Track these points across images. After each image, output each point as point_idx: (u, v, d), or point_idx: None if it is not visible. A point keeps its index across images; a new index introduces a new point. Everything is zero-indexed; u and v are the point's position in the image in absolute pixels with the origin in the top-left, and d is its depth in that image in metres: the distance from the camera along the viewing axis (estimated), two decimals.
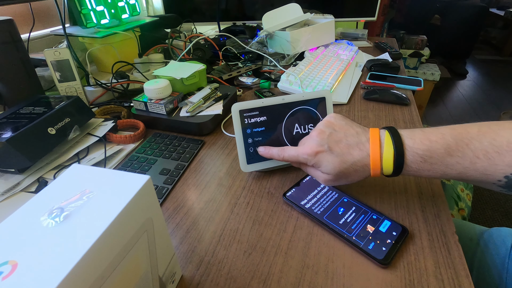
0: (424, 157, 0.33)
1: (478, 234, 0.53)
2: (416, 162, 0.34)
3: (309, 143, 0.38)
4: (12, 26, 0.56)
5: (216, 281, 0.33)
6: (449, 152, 0.33)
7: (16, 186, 0.46)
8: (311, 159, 0.37)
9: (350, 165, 0.36)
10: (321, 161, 0.37)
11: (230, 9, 1.11)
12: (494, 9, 3.64)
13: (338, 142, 0.37)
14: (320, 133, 0.38)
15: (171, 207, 0.43)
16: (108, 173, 0.24)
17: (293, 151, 0.40)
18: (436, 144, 0.33)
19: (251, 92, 0.78)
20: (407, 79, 0.79)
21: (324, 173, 0.38)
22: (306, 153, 0.38)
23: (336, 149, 0.36)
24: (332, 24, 0.97)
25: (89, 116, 0.59)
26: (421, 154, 0.34)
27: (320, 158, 0.37)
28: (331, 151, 0.36)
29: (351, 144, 0.36)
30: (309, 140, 0.39)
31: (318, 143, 0.37)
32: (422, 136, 0.34)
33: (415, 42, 2.36)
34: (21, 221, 0.20)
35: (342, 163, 0.36)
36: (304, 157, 0.38)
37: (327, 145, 0.37)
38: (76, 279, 0.17)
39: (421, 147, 0.34)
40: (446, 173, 0.34)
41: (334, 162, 0.36)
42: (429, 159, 0.33)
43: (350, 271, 0.33)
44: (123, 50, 0.82)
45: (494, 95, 2.65)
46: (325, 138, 0.37)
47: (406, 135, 0.35)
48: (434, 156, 0.33)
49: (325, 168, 0.37)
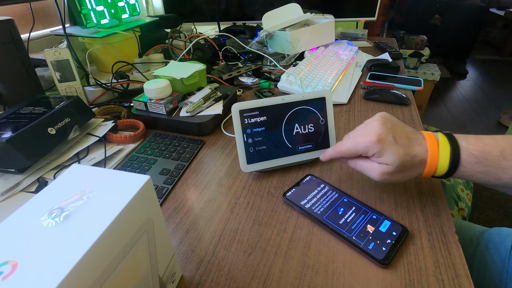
0: (479, 158, 0.33)
1: (478, 234, 0.53)
2: (471, 163, 0.34)
3: (372, 131, 0.36)
4: (12, 26, 0.56)
5: (216, 281, 0.33)
6: (504, 156, 0.33)
7: (16, 186, 0.46)
8: (374, 147, 0.35)
9: (411, 158, 0.35)
10: (385, 149, 0.35)
11: (230, 9, 1.11)
12: (494, 9, 3.63)
13: (400, 133, 0.36)
14: (383, 123, 0.37)
15: (171, 207, 0.43)
16: (108, 173, 0.24)
17: (350, 142, 0.38)
18: (490, 147, 0.33)
19: (251, 92, 0.78)
20: (407, 79, 0.79)
21: (383, 164, 0.36)
22: (370, 141, 0.36)
23: (400, 140, 0.35)
24: (332, 24, 0.97)
25: (89, 116, 0.59)
26: (476, 154, 0.34)
27: (384, 146, 0.35)
28: (395, 141, 0.35)
29: (412, 138, 0.36)
30: (370, 128, 0.37)
31: (383, 131, 0.36)
32: (475, 139, 0.35)
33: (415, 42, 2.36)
34: (21, 221, 0.20)
35: (405, 154, 0.35)
36: (366, 145, 0.36)
37: (391, 135, 0.35)
38: (76, 279, 0.17)
39: (476, 148, 0.34)
40: (500, 178, 0.33)
41: (398, 152, 0.35)
42: (484, 161, 0.33)
43: (350, 271, 0.33)
44: (123, 50, 0.82)
45: (494, 95, 2.65)
46: (388, 128, 0.36)
47: (460, 137, 0.35)
48: (489, 158, 0.33)
49: (388, 158, 0.35)
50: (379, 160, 0.36)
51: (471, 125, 2.22)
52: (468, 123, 2.24)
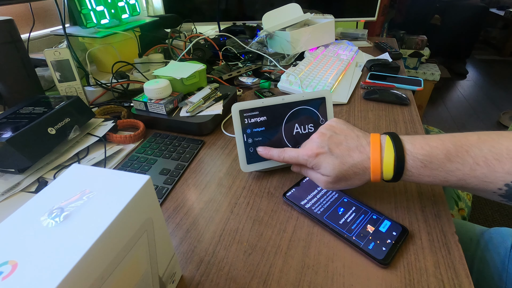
0: (424, 162, 0.33)
1: (478, 234, 0.53)
2: (416, 167, 0.34)
3: (310, 145, 0.39)
4: (12, 26, 0.56)
5: (216, 281, 0.33)
6: (449, 158, 0.33)
7: (16, 186, 0.46)
8: (311, 160, 0.38)
9: (350, 167, 0.36)
10: (321, 162, 0.37)
11: (230, 9, 1.11)
12: (494, 9, 3.63)
13: (338, 144, 0.37)
14: (320, 135, 0.38)
15: (171, 207, 0.43)
16: (108, 173, 0.24)
17: (293, 152, 0.40)
18: (436, 150, 0.33)
19: (251, 92, 0.78)
20: (407, 79, 0.79)
21: (323, 175, 0.38)
22: (306, 155, 0.38)
23: (336, 151, 0.36)
24: (332, 24, 0.97)
25: (89, 116, 0.58)
26: (421, 158, 0.34)
27: (320, 159, 0.37)
28: (331, 153, 0.36)
29: (351, 147, 0.37)
30: (309, 142, 0.39)
31: (319, 144, 0.38)
32: (422, 142, 0.34)
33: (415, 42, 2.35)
34: (21, 221, 0.20)
35: (341, 164, 0.36)
36: (304, 158, 0.38)
37: (327, 147, 0.37)
38: (76, 279, 0.17)
39: (421, 152, 0.34)
40: (446, 179, 0.34)
41: (334, 163, 0.36)
42: (429, 164, 0.33)
43: (350, 271, 0.33)
44: (123, 50, 0.82)
45: (494, 95, 2.65)
46: (326, 140, 0.37)
47: (406, 140, 0.35)
48: (434, 161, 0.33)
49: (325, 170, 0.37)
50: (319, 171, 0.38)
51: (471, 125, 2.22)
52: (468, 123, 2.24)
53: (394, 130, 0.59)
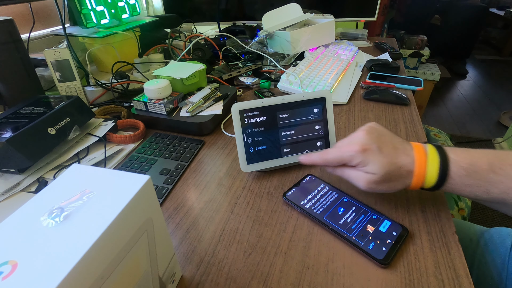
0: (468, 171, 0.33)
1: (478, 234, 0.53)
2: (459, 175, 0.33)
3: (356, 140, 0.36)
4: (12, 26, 0.56)
5: (216, 281, 0.33)
6: (493, 169, 0.32)
7: (16, 186, 0.46)
8: (358, 156, 0.35)
9: (397, 168, 0.35)
10: (369, 159, 0.35)
11: (230, 9, 1.11)
12: (494, 9, 3.63)
13: (386, 143, 0.36)
14: (368, 133, 0.37)
15: (171, 207, 0.43)
16: (108, 173, 0.24)
17: (335, 150, 0.38)
18: (479, 160, 0.33)
19: (251, 92, 0.78)
20: (407, 79, 0.79)
21: (368, 173, 0.35)
22: (354, 150, 0.36)
23: (385, 149, 0.35)
24: (332, 24, 0.97)
25: (89, 116, 0.59)
26: (465, 167, 0.33)
27: (368, 155, 0.35)
28: (380, 151, 0.35)
29: (398, 148, 0.36)
30: (354, 138, 0.37)
31: (367, 141, 0.36)
32: (464, 152, 0.34)
33: (415, 42, 2.36)
34: (21, 221, 0.20)
35: (390, 164, 0.34)
36: (350, 154, 0.36)
37: (375, 144, 0.35)
38: (76, 279, 0.17)
39: (465, 161, 0.33)
40: (488, 191, 0.33)
41: (382, 161, 0.34)
42: (473, 174, 0.33)
43: (350, 271, 0.33)
44: (123, 50, 0.82)
45: (494, 95, 2.65)
46: (374, 138, 0.36)
47: (449, 149, 0.35)
48: (478, 171, 0.33)
49: (372, 167, 0.35)
50: (364, 169, 0.36)
51: (471, 125, 2.22)
52: (468, 123, 2.24)
53: (394, 130, 0.59)
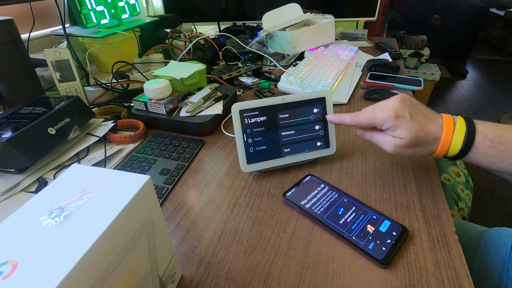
0: (494, 142, 0.35)
1: (478, 234, 0.53)
2: (484, 146, 0.35)
3: (390, 106, 0.39)
4: (12, 26, 0.56)
5: (216, 281, 0.33)
6: None
7: (16, 186, 0.46)
8: (390, 121, 0.38)
9: (425, 134, 0.37)
10: (400, 125, 0.38)
11: (230, 9, 1.11)
12: (494, 9, 3.63)
13: (417, 112, 0.38)
14: (401, 101, 0.39)
15: (171, 207, 0.43)
16: (108, 173, 0.24)
17: (369, 114, 0.41)
18: (507, 133, 0.35)
19: (251, 92, 0.78)
20: (407, 79, 0.79)
21: (396, 138, 0.38)
22: (387, 115, 0.38)
23: (416, 117, 0.38)
24: (332, 24, 0.97)
25: (89, 116, 0.59)
26: (491, 138, 0.35)
27: (400, 121, 0.38)
28: (411, 118, 0.38)
29: (428, 117, 0.38)
30: (389, 104, 0.39)
31: (401, 108, 0.38)
32: (493, 125, 0.36)
33: (415, 42, 2.36)
34: (21, 221, 0.20)
35: (419, 130, 0.37)
36: (383, 119, 0.39)
37: (408, 112, 0.38)
38: (76, 279, 0.17)
39: (492, 133, 0.35)
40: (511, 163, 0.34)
41: (412, 128, 0.37)
42: (498, 145, 0.35)
43: (350, 271, 0.33)
44: (123, 50, 0.82)
45: (494, 95, 2.64)
46: (407, 106, 0.38)
47: (478, 122, 0.37)
48: (504, 143, 0.34)
49: (401, 133, 0.38)
50: (393, 133, 0.39)
51: None
52: None
53: None
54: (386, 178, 0.46)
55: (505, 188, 1.59)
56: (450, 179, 0.91)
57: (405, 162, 0.50)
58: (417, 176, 0.46)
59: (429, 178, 0.46)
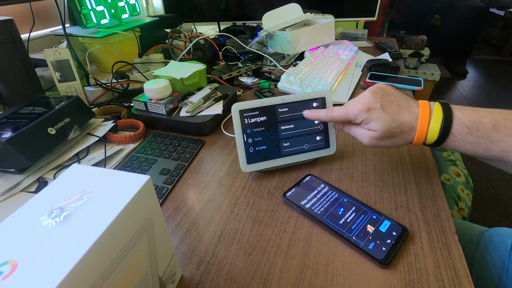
0: (471, 128, 0.34)
1: (478, 234, 0.53)
2: (462, 132, 0.35)
3: (362, 100, 0.39)
4: (12, 26, 0.56)
5: (216, 281, 0.33)
6: (496, 128, 0.33)
7: (16, 186, 0.46)
8: (362, 115, 0.38)
9: (399, 125, 0.37)
10: (372, 117, 0.38)
11: (230, 9, 1.11)
12: (494, 9, 3.63)
13: (390, 103, 0.38)
14: (372, 93, 0.39)
15: (171, 207, 0.43)
16: (108, 173, 0.24)
17: (342, 109, 0.41)
18: (484, 118, 0.34)
19: (251, 92, 0.78)
20: (407, 79, 0.79)
21: (370, 130, 0.39)
22: (358, 109, 0.39)
23: (388, 108, 0.38)
24: (332, 24, 0.97)
25: (89, 116, 0.58)
26: (468, 125, 0.35)
27: (371, 114, 0.38)
28: (383, 109, 0.38)
29: (402, 106, 0.38)
30: (360, 98, 0.40)
31: (372, 100, 0.38)
32: (471, 111, 0.36)
33: (415, 42, 2.36)
34: (21, 221, 0.20)
35: (391, 121, 0.37)
36: (355, 113, 0.39)
37: (379, 103, 0.38)
38: (76, 279, 0.17)
39: (469, 119, 0.35)
40: (489, 149, 0.34)
41: (384, 119, 0.37)
42: (475, 131, 0.34)
43: (350, 271, 0.33)
44: (123, 50, 0.82)
45: (494, 95, 2.64)
46: (378, 98, 0.39)
47: (456, 107, 0.37)
48: (481, 129, 0.34)
49: (374, 125, 0.38)
50: (367, 126, 0.39)
51: None
52: None
53: None
54: (386, 178, 0.46)
55: (505, 188, 1.59)
56: (450, 179, 0.91)
57: (405, 162, 0.50)
58: (417, 176, 0.46)
59: (429, 178, 0.46)
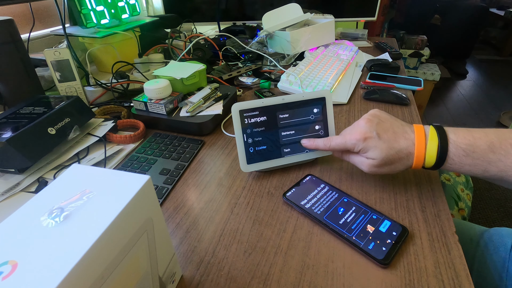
0: (467, 151, 0.35)
1: (478, 234, 0.53)
2: (458, 155, 0.35)
3: (358, 129, 0.40)
4: (12, 26, 0.56)
5: (216, 281, 0.33)
6: (492, 149, 0.34)
7: (16, 186, 0.46)
8: (359, 144, 0.39)
9: (396, 152, 0.38)
10: (370, 146, 0.38)
11: (230, 9, 1.11)
12: (494, 9, 3.63)
13: (386, 130, 0.39)
14: (368, 121, 0.40)
15: (171, 207, 0.43)
16: (108, 173, 0.24)
17: (340, 139, 0.42)
18: (479, 141, 0.34)
19: (251, 92, 0.78)
20: (407, 79, 0.79)
21: (369, 159, 0.39)
22: (355, 139, 0.39)
23: (384, 136, 0.38)
24: (332, 24, 0.97)
25: (89, 116, 0.58)
26: (464, 148, 0.35)
27: (369, 143, 0.38)
28: (379, 138, 0.38)
29: (397, 133, 0.38)
30: (355, 128, 0.41)
31: (368, 129, 0.39)
32: (466, 132, 0.36)
33: (415, 42, 2.36)
34: (21, 221, 0.20)
35: (389, 149, 0.38)
36: (352, 143, 0.40)
37: (375, 132, 0.38)
38: (76, 279, 0.17)
39: (464, 142, 0.35)
40: (487, 170, 0.35)
41: (382, 147, 0.38)
42: (472, 154, 0.34)
43: (350, 271, 0.33)
44: (123, 50, 0.82)
45: (494, 95, 2.64)
46: (374, 126, 0.39)
47: (450, 130, 0.37)
48: (477, 151, 0.34)
49: (372, 154, 0.38)
50: (365, 155, 0.40)
51: (471, 125, 2.17)
52: (468, 123, 2.24)
53: None
54: (386, 178, 0.46)
55: (505, 188, 1.59)
56: (450, 179, 0.91)
57: None
58: (417, 176, 0.46)
59: (429, 178, 0.46)
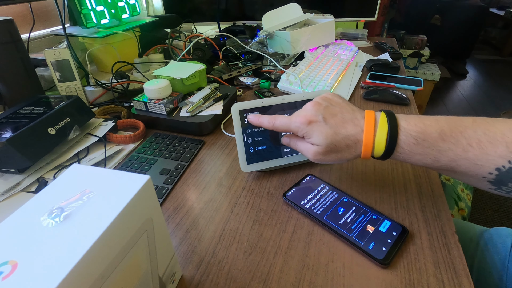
0: (417, 139, 0.33)
1: (478, 234, 0.53)
2: (408, 143, 0.34)
3: (303, 112, 0.38)
4: (12, 26, 0.56)
5: (216, 281, 0.33)
6: (442, 137, 0.32)
7: (16, 186, 0.46)
8: (303, 128, 0.37)
9: (342, 138, 0.35)
10: (314, 130, 0.36)
11: (230, 9, 1.11)
12: (494, 9, 3.63)
13: (333, 115, 0.36)
14: (315, 104, 0.38)
15: (171, 207, 0.43)
16: (108, 173, 0.24)
17: (284, 119, 0.39)
18: (430, 128, 0.33)
19: (251, 92, 0.78)
20: (407, 79, 0.79)
21: (314, 145, 0.37)
22: (299, 121, 0.37)
23: (330, 121, 0.36)
24: (332, 24, 0.97)
25: (89, 116, 0.58)
26: (415, 135, 0.33)
27: (313, 127, 0.36)
28: (325, 122, 0.36)
29: (346, 119, 0.36)
30: (303, 110, 0.38)
31: (313, 113, 0.37)
32: (417, 120, 0.34)
33: (415, 42, 2.36)
34: (21, 221, 0.20)
35: (334, 134, 0.35)
36: (296, 125, 0.37)
37: (321, 116, 0.36)
38: (76, 279, 0.17)
39: (415, 129, 0.33)
40: (437, 159, 0.33)
41: (326, 132, 0.35)
42: (422, 142, 0.33)
43: (350, 271, 0.33)
44: (123, 50, 0.82)
45: (494, 95, 2.65)
46: (321, 109, 0.37)
47: (401, 117, 0.35)
48: (428, 139, 0.33)
49: (316, 139, 0.36)
50: (310, 141, 0.37)
51: None
52: None
53: None
54: (386, 178, 0.46)
55: None
56: (450, 179, 0.91)
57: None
58: (417, 176, 0.46)
59: (429, 178, 0.46)
